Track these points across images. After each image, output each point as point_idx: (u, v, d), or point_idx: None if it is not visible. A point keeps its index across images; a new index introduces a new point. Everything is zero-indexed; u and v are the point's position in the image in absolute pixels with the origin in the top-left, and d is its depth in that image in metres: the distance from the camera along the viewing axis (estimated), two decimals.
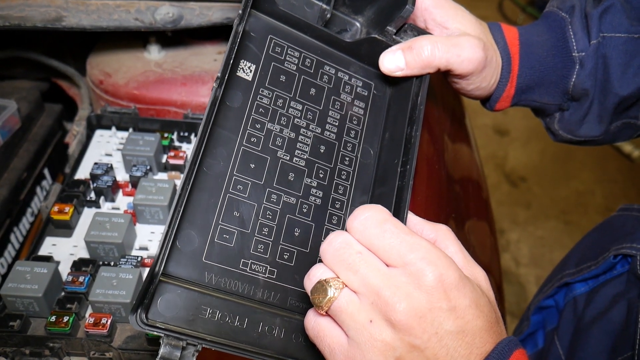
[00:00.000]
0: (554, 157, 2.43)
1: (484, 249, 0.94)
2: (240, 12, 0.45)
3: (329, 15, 0.54)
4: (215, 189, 0.44)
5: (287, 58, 0.51)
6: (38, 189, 0.72)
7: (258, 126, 0.47)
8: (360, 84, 0.54)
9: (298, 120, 0.50)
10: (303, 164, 0.49)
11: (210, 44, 0.80)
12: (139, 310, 0.38)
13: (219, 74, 0.43)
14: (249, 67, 0.49)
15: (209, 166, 0.44)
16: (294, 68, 0.51)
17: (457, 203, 0.84)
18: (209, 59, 0.77)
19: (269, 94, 0.49)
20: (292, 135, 0.49)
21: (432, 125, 0.84)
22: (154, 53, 0.76)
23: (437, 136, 0.85)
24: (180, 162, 0.66)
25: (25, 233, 0.69)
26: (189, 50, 0.78)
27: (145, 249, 0.59)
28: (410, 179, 0.47)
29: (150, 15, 0.67)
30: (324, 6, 0.54)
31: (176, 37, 0.78)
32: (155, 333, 0.38)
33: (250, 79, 0.48)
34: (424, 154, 0.75)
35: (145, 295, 0.38)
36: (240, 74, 0.48)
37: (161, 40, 0.77)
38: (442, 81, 0.95)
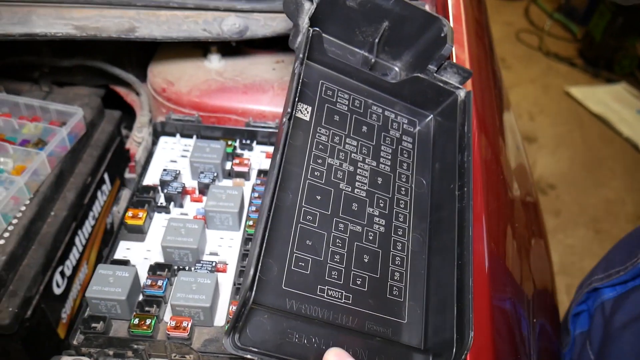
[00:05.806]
0: (583, 165, 2.41)
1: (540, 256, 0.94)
2: (300, 56, 0.48)
3: (373, 61, 0.58)
4: (287, 220, 0.47)
5: (339, 100, 0.55)
6: (99, 193, 0.74)
7: (319, 161, 0.50)
8: (406, 121, 0.59)
9: (355, 155, 0.53)
10: (364, 195, 0.52)
11: (267, 53, 0.81)
12: (232, 334, 0.39)
13: (289, 109, 0.45)
14: (305, 109, 0.52)
15: (281, 199, 0.47)
16: (345, 109, 0.55)
17: (513, 209, 0.84)
18: (268, 67, 0.78)
19: (326, 132, 0.53)
20: (351, 168, 0.52)
21: (488, 131, 0.84)
22: (215, 62, 0.78)
23: (494, 143, 0.85)
24: (245, 169, 0.68)
25: (87, 236, 0.71)
26: (247, 60, 0.80)
27: (216, 254, 0.61)
28: (470, 200, 0.49)
29: (218, 26, 0.68)
30: (367, 54, 0.58)
31: (235, 46, 0.80)
32: (248, 357, 0.39)
33: (308, 119, 0.52)
34: (482, 158, 0.75)
35: (237, 320, 0.39)
36: (299, 115, 0.51)
37: (221, 49, 0.79)
38: (491, 86, 0.95)
